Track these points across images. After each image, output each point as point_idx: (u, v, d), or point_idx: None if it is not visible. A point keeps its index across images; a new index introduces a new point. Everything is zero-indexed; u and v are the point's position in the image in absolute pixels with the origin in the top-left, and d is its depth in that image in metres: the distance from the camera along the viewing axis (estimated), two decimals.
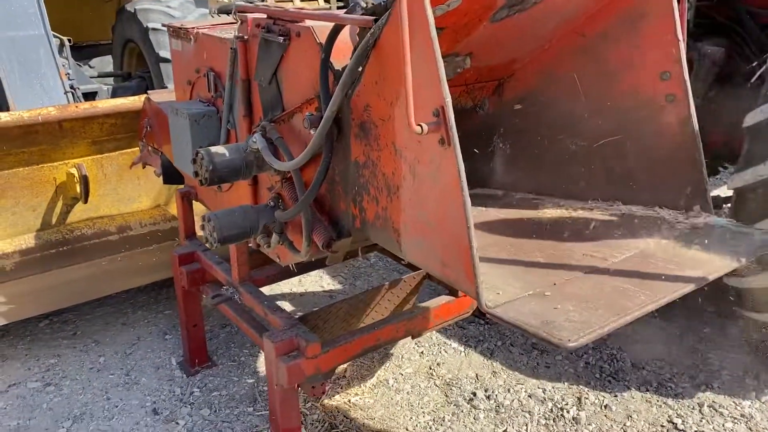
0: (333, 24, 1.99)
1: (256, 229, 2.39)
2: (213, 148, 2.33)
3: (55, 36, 5.18)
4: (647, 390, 3.25)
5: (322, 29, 2.06)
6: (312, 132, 2.01)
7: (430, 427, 2.98)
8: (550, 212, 2.25)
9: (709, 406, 3.12)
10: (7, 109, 4.33)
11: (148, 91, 3.60)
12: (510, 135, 2.49)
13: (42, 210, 4.12)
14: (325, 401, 3.14)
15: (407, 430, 2.97)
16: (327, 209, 2.25)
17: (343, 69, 1.89)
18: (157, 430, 2.96)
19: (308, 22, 2.13)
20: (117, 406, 3.13)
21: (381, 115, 1.84)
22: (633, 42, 2.09)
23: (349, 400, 3.16)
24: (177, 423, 3.01)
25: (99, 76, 6.21)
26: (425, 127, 1.52)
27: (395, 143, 1.79)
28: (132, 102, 3.91)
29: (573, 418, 3.05)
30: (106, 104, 3.93)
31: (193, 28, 2.89)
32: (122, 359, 3.50)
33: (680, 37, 1.98)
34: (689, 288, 1.60)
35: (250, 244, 2.65)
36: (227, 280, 2.97)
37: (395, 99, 1.72)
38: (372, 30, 1.75)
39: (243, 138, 2.54)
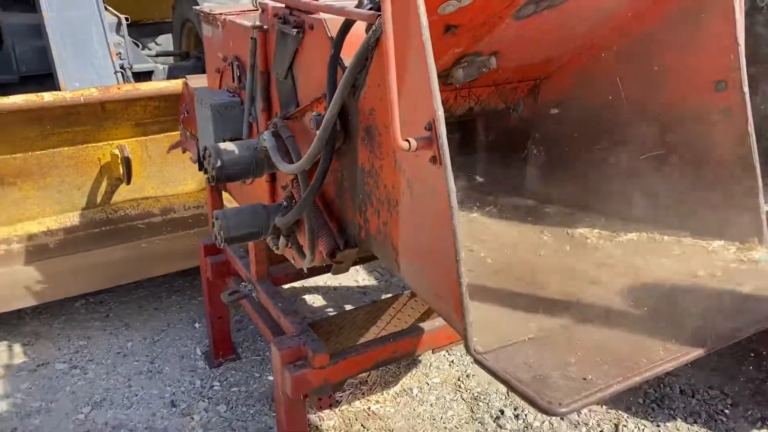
0: (344, 18, 1.83)
1: (266, 229, 2.26)
2: (222, 145, 2.21)
3: (112, 14, 5.23)
4: (695, 422, 2.96)
5: (335, 22, 1.89)
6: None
7: None
8: (580, 232, 2.01)
9: None
10: (58, 88, 4.39)
11: (186, 76, 3.53)
12: (545, 141, 2.25)
13: (87, 189, 4.14)
14: (344, 407, 3.02)
15: None
16: (336, 216, 2.10)
17: None
18: (172, 423, 2.92)
19: (322, 15, 1.97)
20: (137, 395, 3.11)
21: (384, 121, 1.67)
22: (684, 45, 1.82)
23: (369, 408, 3.02)
24: (192, 417, 2.96)
25: (157, 55, 6.24)
26: (413, 143, 1.33)
27: (396, 154, 1.61)
28: (174, 85, 3.86)
29: None
30: (148, 87, 3.90)
31: (221, 14, 2.77)
32: (149, 345, 3.49)
33: (740, 41, 1.70)
34: (720, 344, 1.36)
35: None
36: (246, 276, 2.88)
37: None
38: (374, 27, 1.57)
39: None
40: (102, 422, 2.93)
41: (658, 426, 2.94)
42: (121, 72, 4.58)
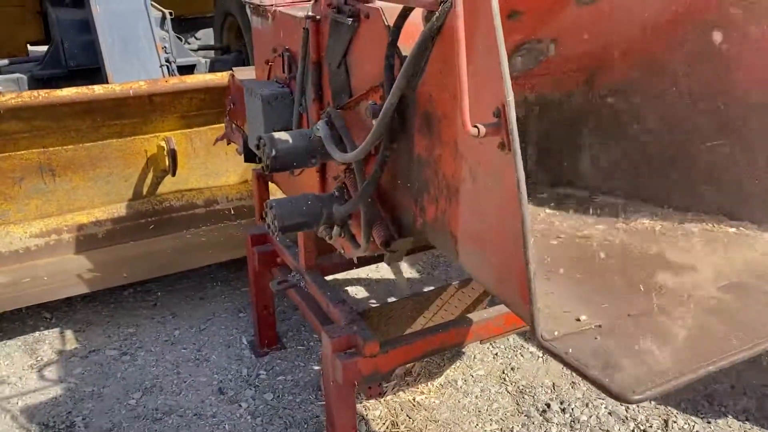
0: (402, 5, 1.83)
1: (319, 219, 2.27)
2: (277, 134, 2.23)
3: (157, 9, 5.31)
4: (747, 419, 2.91)
5: (392, 11, 1.90)
6: (374, 122, 1.86)
7: None
8: (641, 223, 1.98)
9: None
10: (106, 82, 4.48)
11: (233, 68, 3.57)
12: (601, 130, 2.22)
13: (134, 180, 4.22)
14: (389, 397, 3.03)
15: None
16: (390, 206, 2.10)
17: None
18: (221, 410, 2.97)
19: (378, 3, 1.97)
20: (185, 382, 3.16)
21: (444, 109, 1.67)
22: (754, 31, 1.78)
23: (414, 399, 3.03)
24: (240, 405, 3.00)
25: (199, 49, 6.31)
26: (482, 129, 1.32)
27: (457, 141, 1.61)
28: (220, 78, 3.90)
29: None
30: (194, 79, 3.96)
31: (272, 5, 2.80)
32: (196, 334, 3.54)
33: None
34: None
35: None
36: (294, 266, 2.91)
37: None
38: (437, 14, 1.57)
39: (313, 123, 2.43)
40: (153, 407, 2.98)
41: (709, 423, 2.89)
42: (167, 65, 4.65)
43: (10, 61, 5.42)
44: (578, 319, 1.40)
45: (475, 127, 1.33)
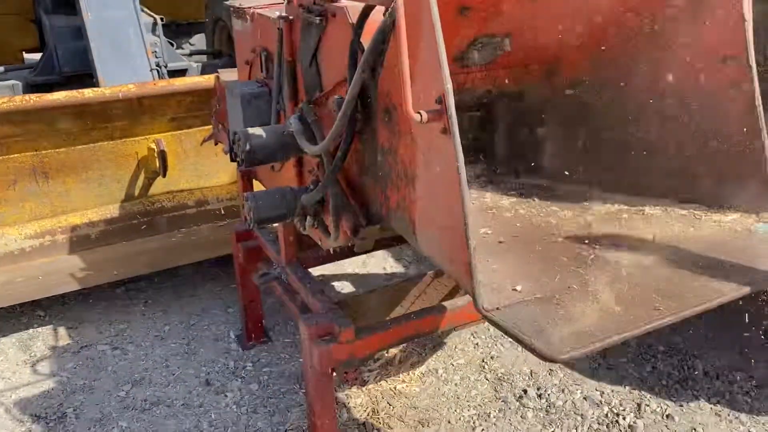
0: (363, 4, 1.93)
1: (293, 210, 2.38)
2: (251, 130, 2.33)
3: (148, 15, 5.44)
4: (718, 402, 2.99)
5: (356, 9, 2.00)
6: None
7: (474, 422, 2.90)
8: (596, 207, 2.08)
9: None
10: (97, 86, 4.58)
11: (219, 70, 3.67)
12: (560, 122, 2.32)
13: (125, 182, 4.32)
14: (371, 386, 3.12)
15: (449, 423, 2.90)
16: (359, 195, 2.20)
17: None
18: (207, 400, 3.06)
19: (344, 2, 2.07)
20: (174, 374, 3.26)
21: (400, 101, 1.76)
22: (695, 22, 1.88)
23: (395, 387, 3.12)
24: (226, 395, 3.09)
25: (191, 54, 6.44)
26: (425, 115, 1.43)
27: (412, 131, 1.70)
28: (206, 80, 4.01)
29: (629, 426, 2.86)
30: (182, 82, 4.06)
31: (250, 7, 2.90)
32: (185, 329, 3.64)
33: (747, 16, 1.75)
34: (716, 302, 1.42)
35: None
36: (277, 260, 3.01)
37: None
38: (390, 10, 1.67)
39: None
40: (142, 399, 3.08)
41: (681, 406, 2.98)
42: (157, 69, 4.76)
43: (5, 69, 5.54)
44: (518, 290, 1.50)
45: (418, 113, 1.43)
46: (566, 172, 2.31)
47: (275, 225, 2.92)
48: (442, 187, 1.51)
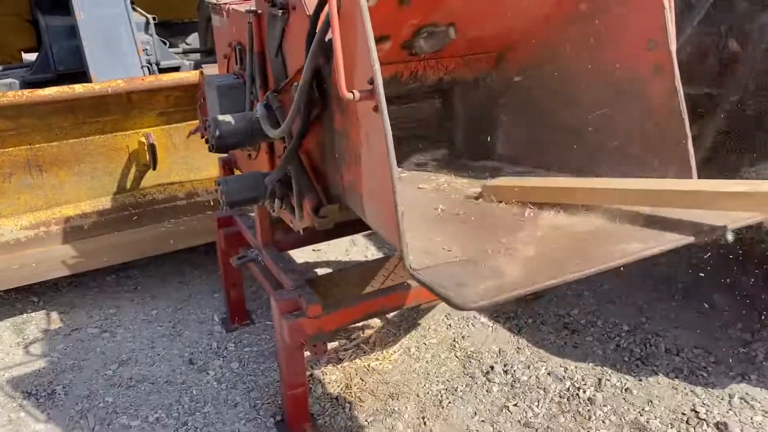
0: None
1: (263, 194, 2.54)
2: (222, 117, 2.49)
3: (141, 14, 5.61)
4: (676, 377, 3.13)
5: (313, 1, 2.15)
6: None
7: (442, 396, 3.05)
8: None
9: (740, 398, 2.97)
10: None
11: (202, 66, 3.83)
12: (511, 108, 2.47)
13: (117, 175, 4.48)
14: (345, 364, 3.28)
15: (418, 396, 3.05)
16: (321, 177, 2.35)
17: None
18: (190, 378, 3.22)
19: None
20: (159, 355, 3.42)
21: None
22: (621, 9, 2.02)
23: (369, 365, 3.27)
24: (208, 373, 3.25)
25: (183, 53, 6.60)
26: (357, 94, 1.58)
27: (357, 113, 1.86)
28: (193, 76, 4.16)
29: (588, 399, 3.00)
30: (169, 77, 4.22)
31: (227, 3, 3.06)
32: (172, 313, 3.80)
33: (666, 4, 1.90)
34: (626, 260, 1.57)
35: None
36: (254, 243, 3.16)
37: None
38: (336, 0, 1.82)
39: None
40: (128, 377, 3.24)
41: (640, 380, 3.12)
42: (147, 67, 4.93)
43: (3, 68, 5.72)
44: (450, 252, 1.65)
45: (351, 92, 1.59)
46: (517, 156, 2.47)
47: (253, 213, 3.09)
48: (377, 161, 1.66)
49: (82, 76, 5.21)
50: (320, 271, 4.23)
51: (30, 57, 6.42)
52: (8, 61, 6.39)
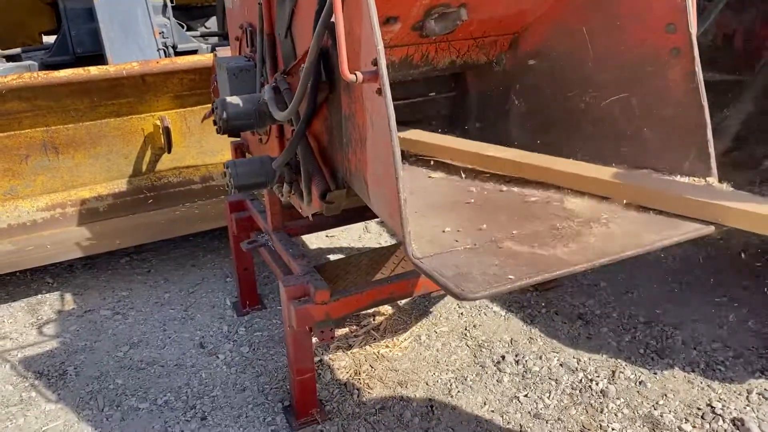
0: None
1: (272, 178, 2.50)
2: (229, 98, 2.46)
3: None
4: (692, 371, 3.06)
5: None
6: None
7: (451, 385, 3.01)
8: None
9: (758, 394, 2.89)
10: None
11: (216, 48, 3.81)
12: (525, 92, 2.41)
13: (133, 158, 4.49)
14: (355, 350, 3.25)
15: (427, 384, 3.02)
16: (329, 161, 2.31)
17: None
18: (200, 361, 3.22)
19: None
20: (170, 338, 3.42)
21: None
22: None
23: (379, 351, 3.24)
24: (217, 357, 3.25)
25: (201, 36, 6.57)
26: (359, 76, 1.53)
27: (362, 96, 1.81)
28: (208, 58, 4.15)
29: (601, 391, 2.94)
30: (184, 60, 4.20)
31: None
32: (184, 297, 3.81)
33: None
34: (634, 252, 1.51)
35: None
36: (265, 228, 3.14)
37: None
38: None
39: None
40: (138, 359, 3.25)
41: (655, 374, 3.05)
42: (164, 50, 4.91)
43: (22, 50, 5.74)
44: (456, 241, 1.61)
45: (354, 74, 1.54)
46: (531, 141, 2.40)
47: (264, 196, 3.07)
48: (381, 145, 1.62)
49: (101, 59, 5.21)
50: (332, 257, 4.20)
51: (50, 39, 6.46)
52: (28, 44, 6.42)
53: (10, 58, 5.73)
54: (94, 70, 3.98)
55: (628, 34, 2.00)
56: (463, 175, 2.28)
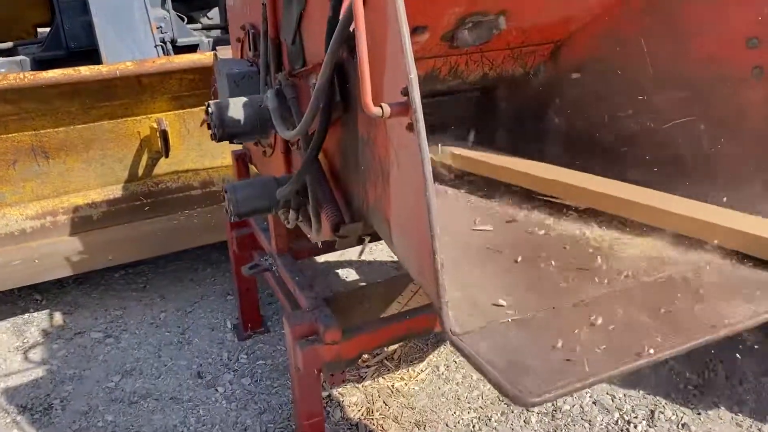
0: None
1: (276, 203, 2.21)
2: (227, 101, 2.19)
3: None
4: (740, 411, 2.77)
5: None
6: None
7: (474, 426, 2.73)
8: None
9: None
10: (100, 62, 4.45)
11: (216, 48, 3.50)
12: (567, 108, 2.10)
13: (128, 162, 4.20)
14: (367, 383, 2.97)
15: (447, 426, 2.74)
16: (343, 188, 2.02)
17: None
18: (197, 394, 2.95)
19: None
20: (166, 365, 3.15)
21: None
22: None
23: (393, 385, 2.96)
24: (216, 389, 2.97)
25: (203, 28, 6.25)
26: (387, 109, 1.23)
27: (386, 124, 1.51)
28: (208, 58, 3.84)
29: None
30: (182, 59, 3.90)
31: None
32: (182, 317, 3.53)
33: None
34: (722, 333, 1.22)
35: None
36: (268, 249, 2.85)
37: None
38: None
39: None
40: (130, 391, 2.98)
41: (699, 414, 2.77)
42: (162, 46, 4.60)
43: (14, 44, 5.44)
44: (502, 305, 1.31)
45: (380, 107, 1.24)
46: (571, 164, 2.10)
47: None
48: (410, 191, 1.32)
49: (96, 55, 4.92)
50: (342, 273, 3.91)
51: (45, 32, 6.15)
52: (22, 37, 6.11)
53: (2, 53, 5.43)
54: (85, 71, 3.69)
55: (698, 47, 1.70)
56: (508, 201, 1.97)
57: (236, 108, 2.12)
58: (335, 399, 2.88)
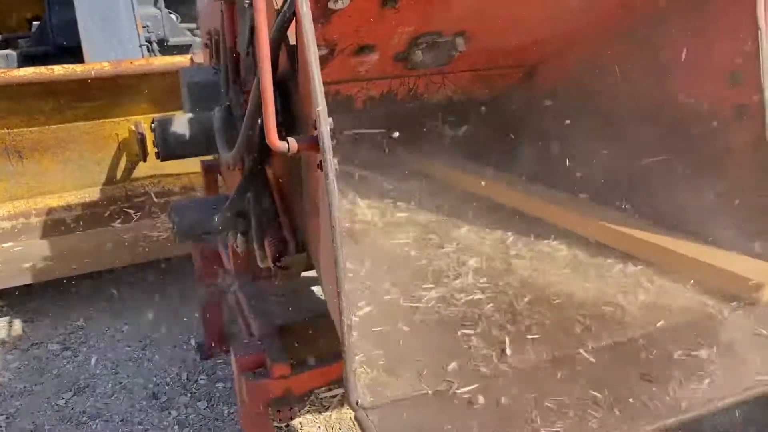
0: None
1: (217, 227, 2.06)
2: (170, 119, 2.04)
3: None
4: None
5: None
6: None
7: None
8: (564, 251, 1.69)
9: None
10: (83, 61, 4.32)
11: (193, 52, 3.36)
12: (538, 138, 1.93)
13: (106, 165, 4.07)
14: (330, 413, 2.81)
15: None
16: (289, 211, 1.86)
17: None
18: (149, 417, 2.80)
19: None
20: (121, 383, 3.00)
21: (309, 112, 1.41)
22: (696, 27, 1.46)
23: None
24: (170, 413, 2.82)
25: (197, 28, 6.13)
26: (293, 144, 1.07)
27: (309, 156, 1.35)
28: (186, 60, 3.70)
29: None
30: (161, 61, 3.75)
31: None
32: (145, 331, 3.38)
33: (762, 24, 1.33)
34: (682, 418, 1.04)
35: None
36: (228, 269, 2.70)
37: None
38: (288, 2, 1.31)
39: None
40: (80, 410, 2.83)
41: None
42: (147, 45, 4.47)
43: (2, 37, 5.34)
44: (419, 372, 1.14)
45: (285, 141, 1.08)
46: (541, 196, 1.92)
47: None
48: (324, 238, 1.16)
49: (81, 51, 4.80)
50: (318, 290, 3.74)
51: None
52: (15, 30, 6.00)
53: None
54: (58, 70, 3.55)
55: (677, 80, 1.52)
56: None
57: (181, 125, 1.96)
58: (294, 429, 2.72)
